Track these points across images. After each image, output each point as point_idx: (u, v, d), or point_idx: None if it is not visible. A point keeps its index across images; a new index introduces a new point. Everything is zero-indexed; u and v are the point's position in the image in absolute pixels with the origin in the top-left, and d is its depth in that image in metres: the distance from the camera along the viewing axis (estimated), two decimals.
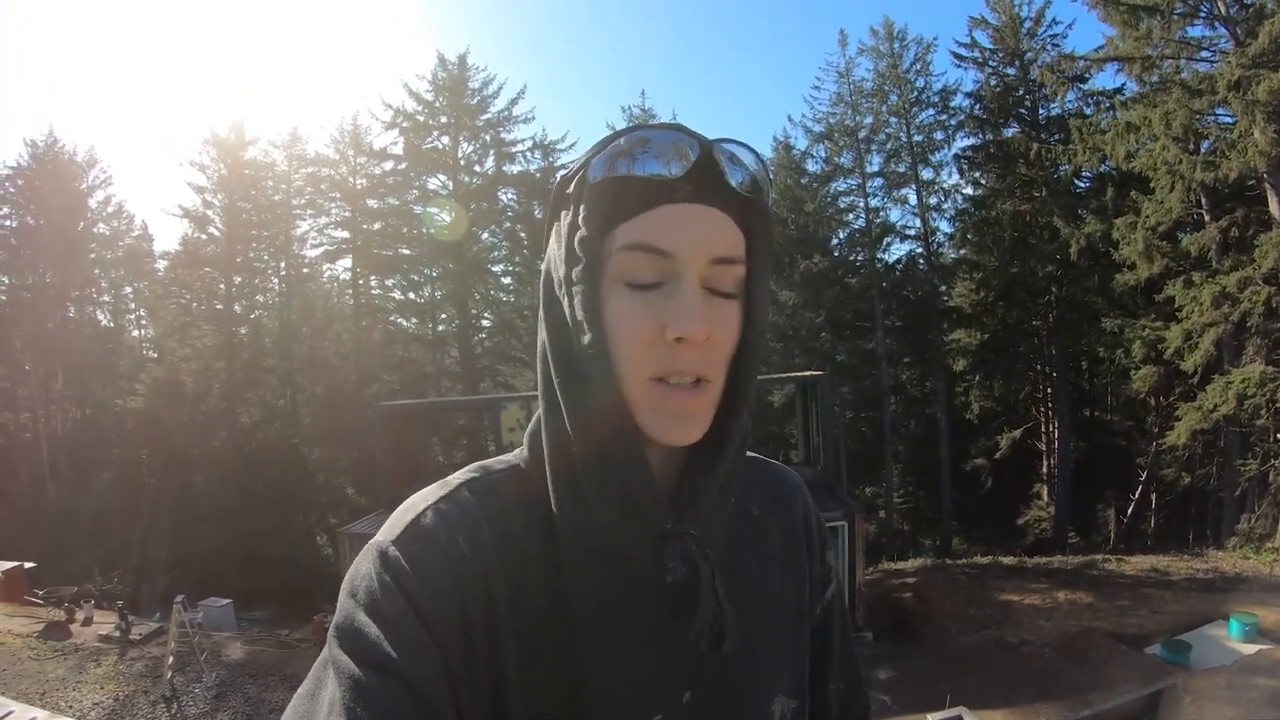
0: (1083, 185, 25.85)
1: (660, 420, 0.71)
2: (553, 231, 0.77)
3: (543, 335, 0.76)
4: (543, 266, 0.78)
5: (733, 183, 0.71)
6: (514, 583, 0.71)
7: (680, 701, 0.76)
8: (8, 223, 34.85)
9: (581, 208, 0.71)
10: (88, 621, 16.96)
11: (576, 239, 0.71)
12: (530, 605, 0.71)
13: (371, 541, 0.71)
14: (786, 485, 0.97)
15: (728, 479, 0.79)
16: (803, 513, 0.96)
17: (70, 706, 12.54)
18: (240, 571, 23.33)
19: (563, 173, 0.75)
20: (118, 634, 16.02)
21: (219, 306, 30.51)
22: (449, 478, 0.78)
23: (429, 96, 30.13)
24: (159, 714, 12.89)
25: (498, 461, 0.82)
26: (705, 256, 0.70)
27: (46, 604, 17.94)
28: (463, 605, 0.68)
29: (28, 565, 19.58)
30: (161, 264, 35.20)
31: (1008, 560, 20.62)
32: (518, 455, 0.82)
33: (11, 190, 34.60)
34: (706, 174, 0.70)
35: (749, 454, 0.87)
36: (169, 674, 13.58)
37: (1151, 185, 20.01)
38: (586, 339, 0.70)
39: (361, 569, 0.69)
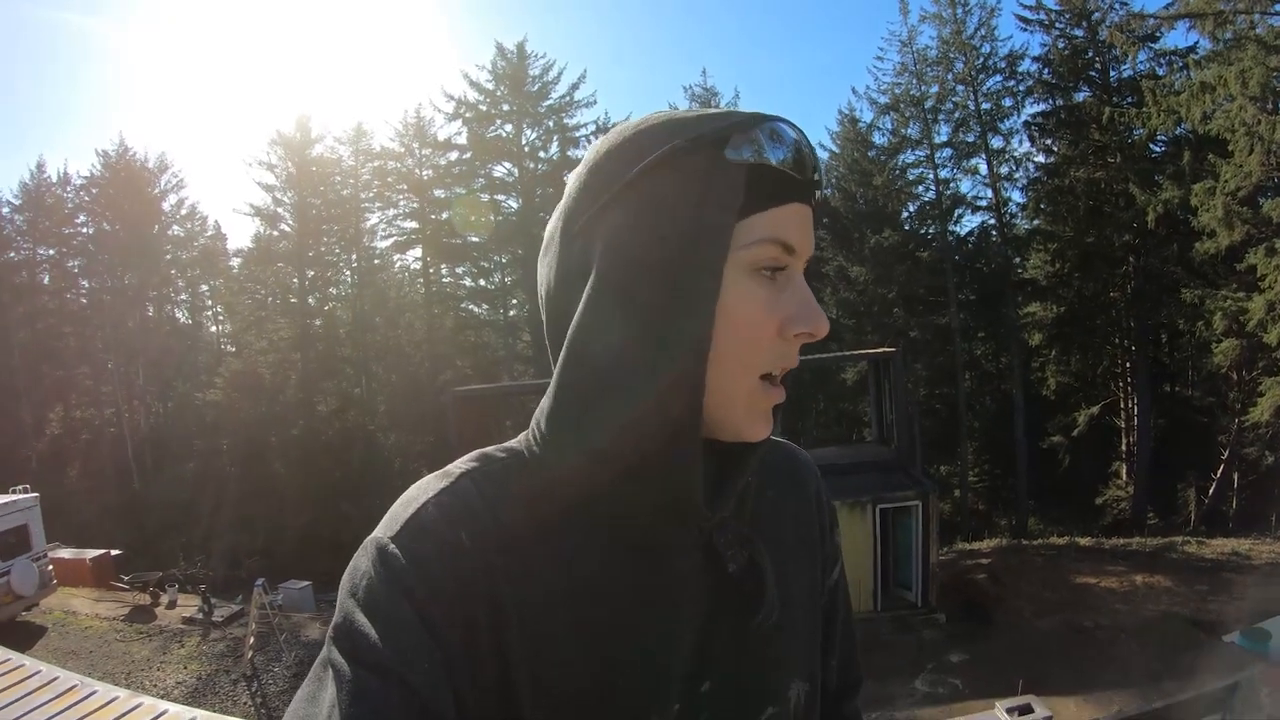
0: (1158, 150, 24.97)
1: (755, 418, 0.71)
2: (632, 194, 0.68)
3: (585, 316, 0.69)
4: (605, 231, 0.69)
5: (824, 190, 0.73)
6: (520, 577, 0.68)
7: (699, 691, 0.74)
8: (85, 230, 36.32)
9: (713, 184, 0.66)
10: (172, 605, 17.54)
11: (707, 217, 0.65)
12: (539, 599, 0.68)
13: (370, 537, 0.68)
14: (799, 464, 0.96)
15: (756, 468, 0.79)
16: (815, 492, 0.95)
17: (154, 686, 13.08)
18: (320, 555, 23.74)
19: (673, 139, 0.67)
20: (200, 616, 16.60)
21: (293, 300, 31.34)
22: (449, 467, 0.75)
23: (490, 86, 30.47)
24: (239, 692, 13.36)
25: (499, 449, 0.78)
26: (807, 256, 0.71)
27: (132, 589, 18.47)
28: (465, 602, 0.65)
29: (114, 552, 20.23)
30: (235, 261, 36.34)
31: (1085, 541, 20.32)
32: (521, 442, 0.78)
33: (87, 199, 36.00)
34: (815, 179, 0.71)
35: None
36: (249, 654, 14.05)
37: (1230, 148, 19.15)
38: (689, 326, 0.65)
39: (361, 566, 0.66)
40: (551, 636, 0.68)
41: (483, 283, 31.93)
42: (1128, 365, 27.75)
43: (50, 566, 16.80)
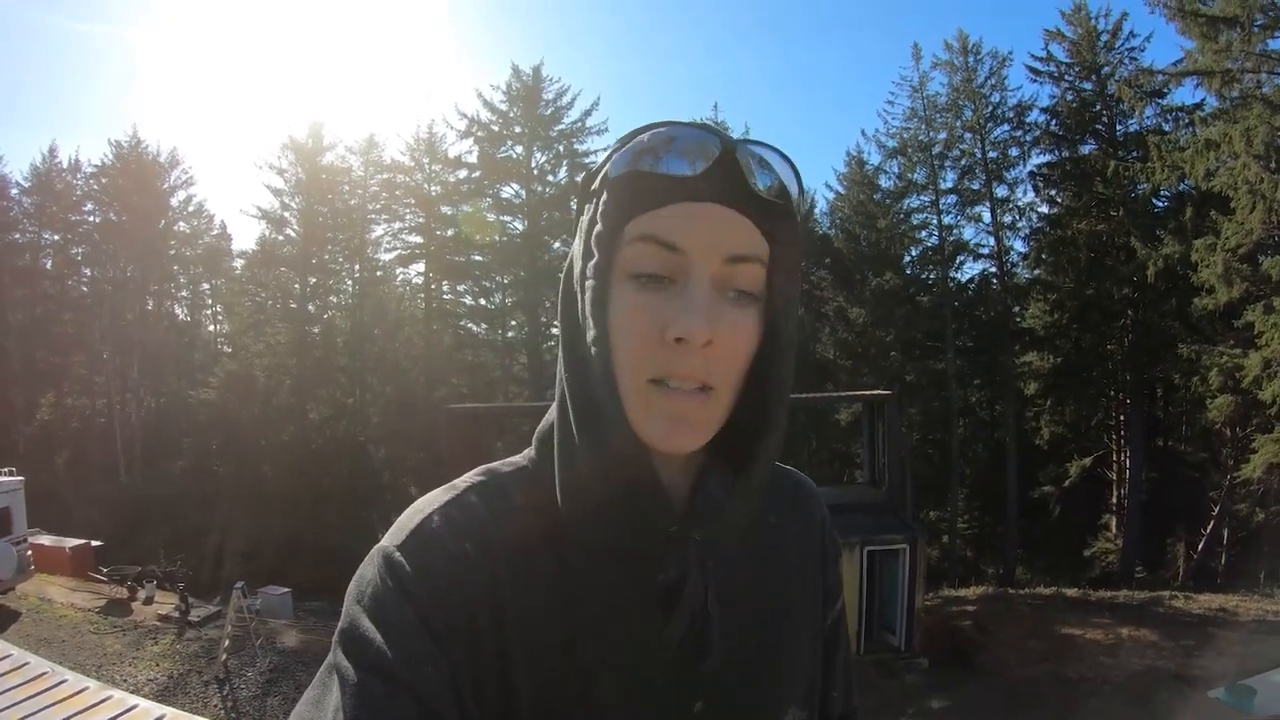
0: (1161, 205, 25.19)
1: (654, 424, 0.68)
2: (577, 228, 0.75)
3: (558, 335, 0.76)
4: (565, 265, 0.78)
5: (757, 185, 0.68)
6: (522, 587, 0.69)
7: (692, 711, 0.74)
8: (92, 218, 36.35)
9: (600, 202, 0.70)
10: (149, 601, 17.26)
11: (594, 234, 0.69)
12: (539, 610, 0.69)
13: (377, 546, 0.70)
14: (804, 493, 0.95)
15: (752, 496, 0.77)
16: (819, 522, 0.94)
17: (125, 680, 12.80)
18: (302, 562, 23.57)
19: (590, 170, 0.74)
20: (177, 615, 16.30)
21: (293, 305, 31.42)
22: (456, 481, 0.76)
23: (503, 107, 30.78)
24: (210, 694, 13.14)
25: (505, 464, 0.80)
26: (718, 255, 0.67)
27: (110, 581, 18.21)
28: (469, 611, 0.66)
29: (95, 543, 19.93)
30: (239, 262, 36.54)
31: (1072, 592, 20.19)
32: (525, 457, 0.80)
33: (96, 188, 36.05)
34: (727, 174, 0.67)
35: None
36: (223, 656, 13.87)
37: (1232, 205, 19.34)
38: (591, 335, 0.68)
39: (367, 574, 0.68)
40: (551, 646, 0.69)
41: (483, 302, 32.02)
42: (1122, 418, 27.75)
43: (29, 552, 16.66)
